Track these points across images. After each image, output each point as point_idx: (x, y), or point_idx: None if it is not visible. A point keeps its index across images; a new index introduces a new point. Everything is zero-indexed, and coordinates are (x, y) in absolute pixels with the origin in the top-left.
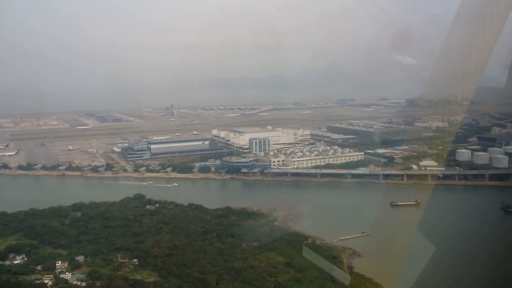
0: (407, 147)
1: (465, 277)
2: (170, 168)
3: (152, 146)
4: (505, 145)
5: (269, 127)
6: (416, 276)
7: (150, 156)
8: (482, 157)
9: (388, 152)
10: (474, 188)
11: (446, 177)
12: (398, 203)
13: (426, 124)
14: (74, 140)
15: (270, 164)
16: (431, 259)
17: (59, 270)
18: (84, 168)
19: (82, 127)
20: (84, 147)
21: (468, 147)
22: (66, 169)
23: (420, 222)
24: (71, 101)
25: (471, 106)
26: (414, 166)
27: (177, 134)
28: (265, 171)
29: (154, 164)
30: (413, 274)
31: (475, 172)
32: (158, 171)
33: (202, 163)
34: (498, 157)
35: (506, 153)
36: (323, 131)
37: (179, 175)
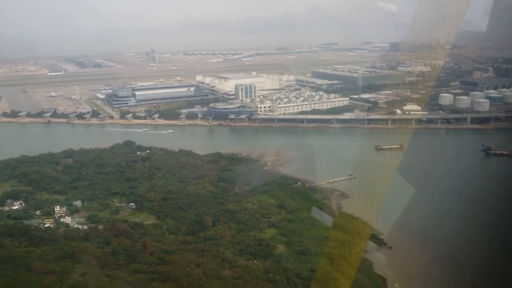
0: (391, 92)
1: (444, 213)
2: (157, 114)
3: (137, 93)
4: (486, 89)
5: (254, 73)
6: (399, 214)
7: (135, 102)
8: (464, 101)
9: (373, 97)
10: (456, 131)
11: (429, 121)
12: (383, 147)
13: (409, 69)
14: (56, 86)
15: (257, 110)
16: (414, 198)
17: (58, 215)
18: (70, 115)
19: (62, 73)
20: (66, 93)
21: (451, 91)
22: (51, 116)
23: (404, 165)
24: (49, 45)
25: (453, 50)
26: (398, 111)
27: (160, 80)
28: (252, 117)
29: (140, 110)
30: (396, 212)
31: (457, 115)
32: (145, 118)
33: (189, 110)
34: (479, 101)
35: (487, 97)
36: (308, 76)
37: (166, 122)
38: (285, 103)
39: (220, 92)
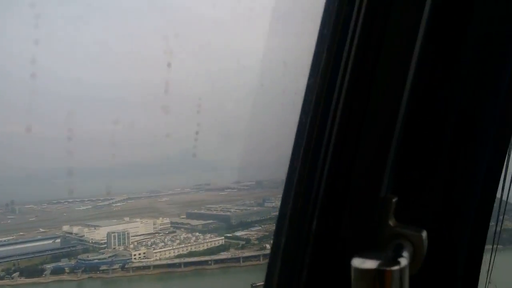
0: (260, 228)
1: None
2: (17, 273)
3: None
4: None
5: (127, 219)
6: None
7: None
8: None
9: (245, 234)
10: None
11: None
12: (257, 284)
13: (274, 204)
14: None
15: (131, 258)
16: None
17: None
18: None
19: None
20: None
21: None
22: None
23: None
24: None
25: None
26: (268, 246)
27: (21, 233)
28: (126, 266)
29: None
30: None
31: None
32: (2, 278)
33: (54, 264)
34: None
35: None
36: (183, 218)
37: (28, 280)
38: (161, 248)
39: (90, 241)
